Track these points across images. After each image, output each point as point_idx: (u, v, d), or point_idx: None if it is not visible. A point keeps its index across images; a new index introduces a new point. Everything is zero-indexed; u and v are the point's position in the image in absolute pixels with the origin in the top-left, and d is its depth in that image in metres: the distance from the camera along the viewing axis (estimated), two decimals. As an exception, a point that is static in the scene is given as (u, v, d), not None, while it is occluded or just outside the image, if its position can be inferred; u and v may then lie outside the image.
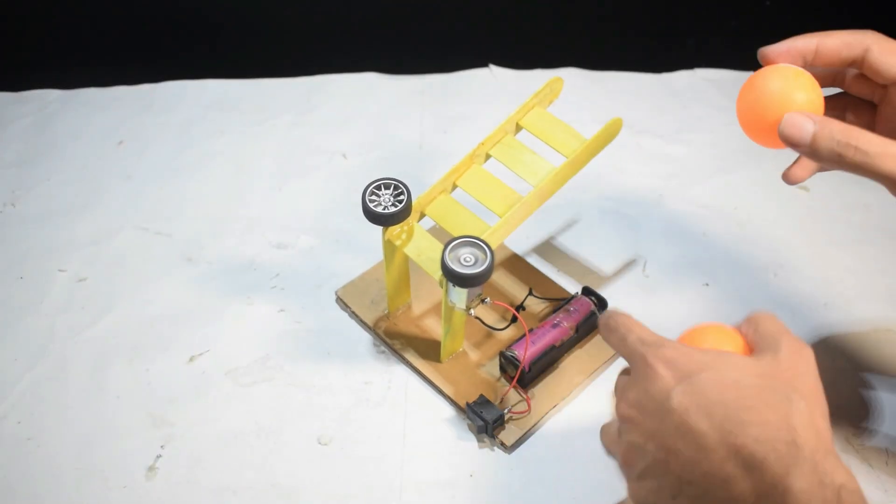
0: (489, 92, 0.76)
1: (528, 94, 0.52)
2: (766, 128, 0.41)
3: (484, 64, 0.79)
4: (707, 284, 0.58)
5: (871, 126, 0.45)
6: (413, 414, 0.50)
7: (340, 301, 0.57)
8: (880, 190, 0.65)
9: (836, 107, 0.46)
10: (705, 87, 0.78)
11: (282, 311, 0.57)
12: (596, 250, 0.61)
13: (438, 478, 0.47)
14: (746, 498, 0.31)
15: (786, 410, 0.32)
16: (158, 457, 0.48)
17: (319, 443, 0.49)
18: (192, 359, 0.54)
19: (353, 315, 0.56)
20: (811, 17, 0.85)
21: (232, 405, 0.51)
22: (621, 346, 0.38)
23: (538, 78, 0.77)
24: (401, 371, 0.53)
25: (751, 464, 0.31)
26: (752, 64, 0.88)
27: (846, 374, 0.53)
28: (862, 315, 0.56)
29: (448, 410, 0.51)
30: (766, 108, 0.41)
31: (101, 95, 0.76)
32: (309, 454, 0.48)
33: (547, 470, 0.48)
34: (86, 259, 0.61)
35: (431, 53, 0.82)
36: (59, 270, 0.60)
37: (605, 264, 0.60)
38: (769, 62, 0.43)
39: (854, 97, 0.46)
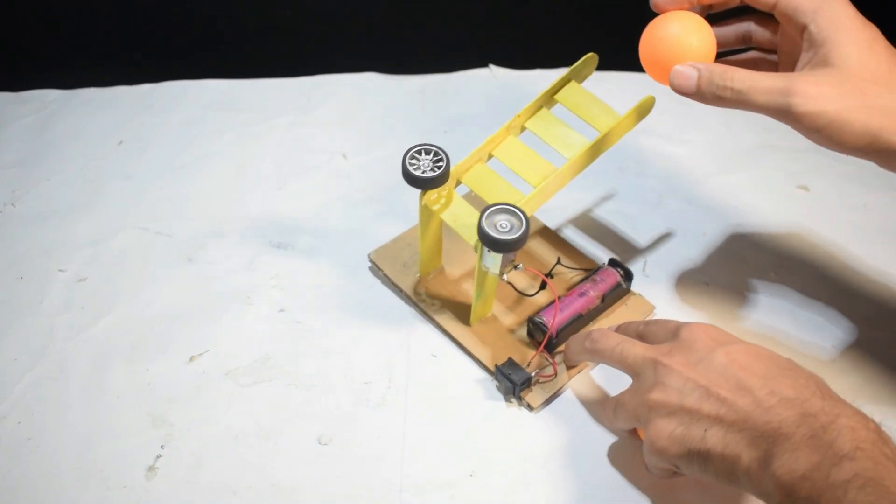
0: (489, 92, 0.76)
1: (528, 95, 0.52)
2: (664, 70, 0.45)
3: (484, 64, 0.79)
4: (707, 284, 0.58)
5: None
6: (413, 414, 0.50)
7: (373, 264, 0.58)
8: (879, 190, 0.65)
9: (748, 63, 0.50)
10: (705, 87, 0.78)
11: (282, 311, 0.57)
12: (596, 251, 0.61)
13: (438, 478, 0.47)
14: (792, 418, 0.36)
15: (817, 377, 0.39)
16: (158, 457, 0.48)
17: (319, 443, 0.49)
18: (192, 359, 0.54)
19: (386, 278, 0.58)
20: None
21: (232, 405, 0.51)
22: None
23: (538, 78, 0.77)
24: (401, 371, 0.53)
25: (795, 399, 0.37)
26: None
27: (846, 373, 0.53)
28: (861, 314, 0.56)
29: (449, 409, 0.51)
30: (665, 53, 0.45)
31: (101, 95, 0.76)
32: (309, 454, 0.48)
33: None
34: (86, 259, 0.61)
35: (431, 53, 0.82)
36: (59, 270, 0.60)
37: (605, 264, 0.60)
38: (661, 10, 0.46)
39: (763, 51, 0.50)
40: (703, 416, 0.39)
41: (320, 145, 0.71)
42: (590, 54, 0.52)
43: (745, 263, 0.60)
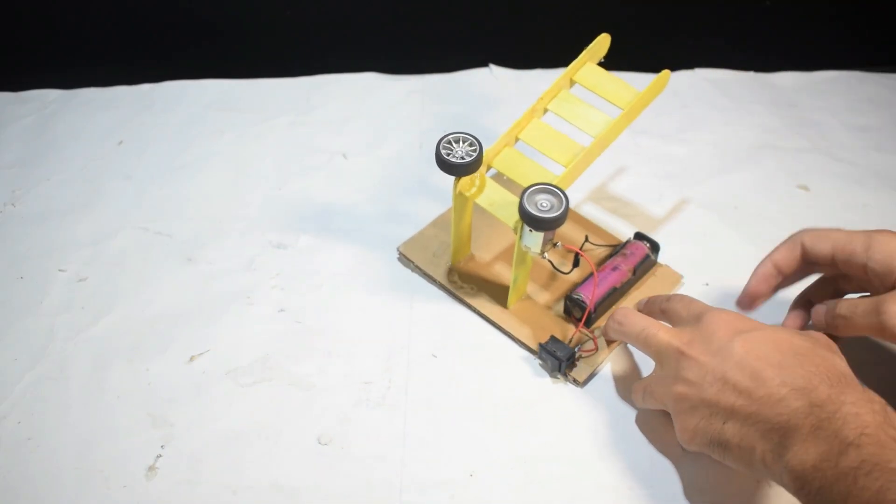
0: (489, 92, 0.76)
1: (528, 95, 0.53)
2: None
3: (484, 64, 0.79)
4: (707, 284, 0.58)
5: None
6: (413, 414, 0.50)
7: (403, 256, 0.59)
8: (879, 190, 0.65)
9: None
10: (705, 87, 0.78)
11: (282, 311, 0.57)
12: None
13: (438, 477, 0.47)
14: (801, 410, 0.37)
15: (831, 359, 0.40)
16: (158, 457, 0.48)
17: (319, 443, 0.49)
18: (192, 359, 0.54)
19: (417, 269, 0.58)
20: (810, 18, 0.85)
21: (232, 405, 0.51)
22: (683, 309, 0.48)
23: (538, 78, 0.77)
24: (401, 371, 0.53)
25: (804, 388, 0.38)
26: (752, 64, 0.88)
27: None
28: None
29: (449, 407, 0.51)
30: None
31: (101, 95, 0.77)
32: (309, 454, 0.48)
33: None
34: (86, 259, 0.61)
35: (431, 53, 0.82)
36: (59, 270, 0.60)
37: (605, 264, 0.60)
38: (754, 297, 0.52)
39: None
40: (722, 409, 0.41)
41: (320, 145, 0.71)
42: (603, 34, 0.54)
43: (745, 264, 0.60)
